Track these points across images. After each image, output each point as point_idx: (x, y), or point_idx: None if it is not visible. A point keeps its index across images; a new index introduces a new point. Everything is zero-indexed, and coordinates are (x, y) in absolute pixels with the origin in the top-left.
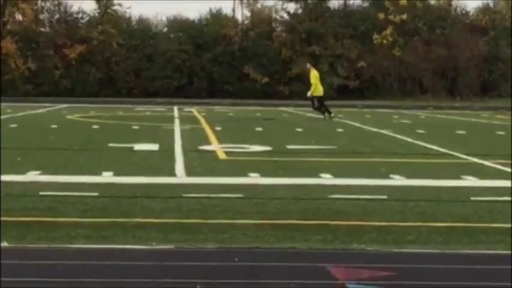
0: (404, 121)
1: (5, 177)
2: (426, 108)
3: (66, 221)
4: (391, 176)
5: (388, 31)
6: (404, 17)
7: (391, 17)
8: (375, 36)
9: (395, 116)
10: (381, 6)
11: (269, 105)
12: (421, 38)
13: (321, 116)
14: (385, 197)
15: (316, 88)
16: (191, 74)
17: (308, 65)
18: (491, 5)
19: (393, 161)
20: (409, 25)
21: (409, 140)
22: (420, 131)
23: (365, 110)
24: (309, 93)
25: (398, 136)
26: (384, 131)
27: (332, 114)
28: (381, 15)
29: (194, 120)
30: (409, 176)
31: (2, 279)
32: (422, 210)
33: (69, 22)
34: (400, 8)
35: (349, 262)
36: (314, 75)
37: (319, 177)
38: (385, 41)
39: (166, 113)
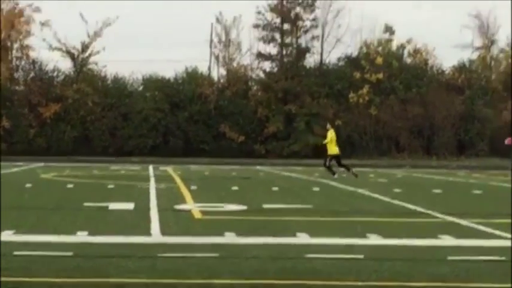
0: (381, 180)
1: None
2: (402, 167)
3: (41, 281)
4: (368, 235)
5: (365, 90)
6: (380, 76)
7: (367, 75)
8: (351, 95)
9: (372, 175)
10: (357, 65)
11: (245, 164)
12: (397, 97)
13: (335, 176)
14: (361, 256)
15: (330, 147)
16: (167, 132)
17: (328, 126)
18: (467, 64)
19: (370, 220)
20: (385, 84)
21: (386, 199)
22: (397, 190)
23: (341, 169)
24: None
25: (375, 195)
26: (360, 190)
27: (351, 171)
28: (357, 74)
29: (170, 179)
30: (385, 235)
31: None
32: (399, 269)
33: (44, 80)
34: (376, 66)
35: None
36: (330, 134)
37: (296, 236)
38: (361, 100)
39: (142, 172)
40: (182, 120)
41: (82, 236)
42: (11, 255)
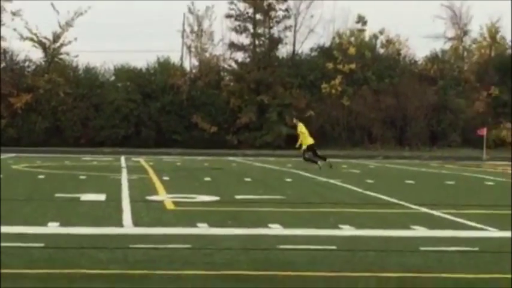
0: (353, 171)
1: None
2: (375, 157)
3: (11, 273)
4: (340, 226)
5: (337, 80)
6: (353, 66)
7: (339, 66)
8: (324, 85)
9: (344, 166)
10: (329, 55)
11: (217, 155)
12: (369, 87)
13: (316, 166)
14: (334, 247)
15: (304, 139)
16: (139, 123)
17: (294, 120)
18: (439, 54)
19: (342, 211)
20: (357, 74)
21: (358, 189)
22: (369, 181)
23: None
24: (297, 145)
25: (348, 186)
26: (332, 181)
27: (327, 161)
28: (330, 65)
29: (142, 170)
30: (358, 226)
31: None
32: (372, 260)
33: (15, 71)
34: (348, 57)
35: None
36: (300, 127)
37: (268, 227)
38: (333, 91)
39: (114, 162)
40: (154, 110)
41: (53, 227)
42: None
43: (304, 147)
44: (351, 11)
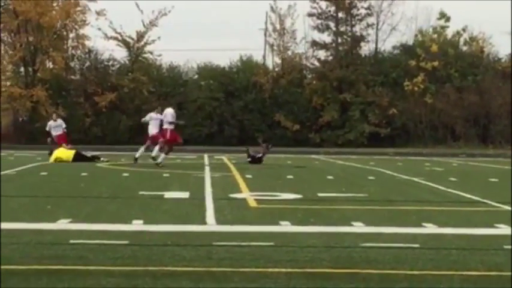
0: (436, 169)
1: (36, 225)
2: (458, 155)
3: (97, 270)
4: (424, 224)
5: (420, 78)
6: (435, 63)
7: (422, 63)
8: (406, 83)
9: (427, 164)
10: (412, 53)
11: (300, 153)
12: (452, 85)
13: None
14: (417, 245)
15: None
16: (222, 121)
17: None
18: None
19: (425, 209)
20: (440, 72)
21: (442, 187)
22: (452, 179)
23: (396, 157)
24: None
25: (431, 184)
26: (415, 179)
27: None
28: (412, 62)
29: (225, 167)
30: (441, 224)
31: None
32: (455, 258)
33: (99, 70)
34: (431, 54)
35: None
36: None
37: (351, 225)
38: (416, 88)
39: (197, 160)
40: (237, 109)
41: (137, 225)
42: (67, 244)
43: None
44: (433, 8)
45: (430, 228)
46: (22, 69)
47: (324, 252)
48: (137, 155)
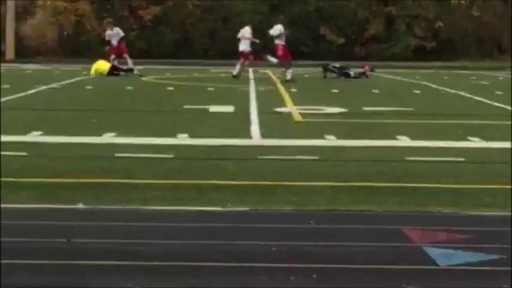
0: (483, 82)
1: (81, 139)
2: (505, 69)
3: (141, 183)
4: (469, 138)
5: None
6: None
7: None
8: None
9: (473, 77)
10: None
11: None
12: None
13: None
14: (462, 159)
15: None
16: (266, 35)
17: None
18: None
19: (471, 123)
20: None
21: (488, 101)
22: (498, 92)
23: (442, 71)
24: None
25: (476, 97)
26: (461, 93)
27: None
28: None
29: (269, 81)
30: (486, 138)
31: (80, 240)
32: (500, 172)
33: None
34: None
35: (426, 225)
36: None
37: (396, 139)
38: (463, 1)
39: (241, 74)
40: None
41: (182, 138)
42: (112, 157)
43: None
44: None
45: (475, 142)
46: None
47: (368, 166)
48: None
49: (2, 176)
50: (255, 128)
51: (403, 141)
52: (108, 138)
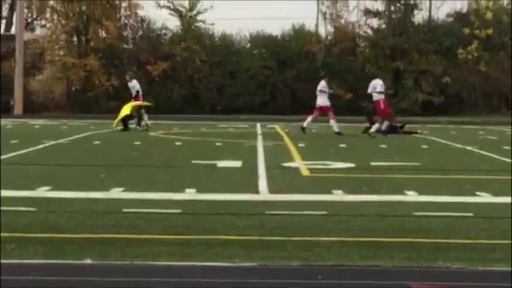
0: (490, 137)
1: (89, 194)
2: None
3: (149, 238)
4: (477, 193)
5: (474, 46)
6: (490, 31)
7: (476, 31)
8: (460, 51)
9: (481, 132)
10: (466, 21)
11: (353, 122)
12: (507, 53)
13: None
14: (470, 214)
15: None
16: (274, 90)
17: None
18: None
19: (479, 178)
20: (495, 40)
21: (496, 156)
22: (506, 148)
23: (450, 126)
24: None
25: (484, 153)
26: (469, 148)
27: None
28: (466, 30)
29: (277, 136)
30: (495, 193)
31: None
32: (509, 227)
33: (152, 39)
34: (485, 22)
35: (434, 280)
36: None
37: (404, 194)
38: (470, 56)
39: (250, 129)
40: (290, 77)
41: (190, 193)
42: (120, 212)
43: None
44: None
45: (483, 197)
46: (75, 38)
47: (376, 221)
48: (305, 124)
49: (10, 231)
50: (262, 183)
51: (411, 196)
52: (116, 193)
